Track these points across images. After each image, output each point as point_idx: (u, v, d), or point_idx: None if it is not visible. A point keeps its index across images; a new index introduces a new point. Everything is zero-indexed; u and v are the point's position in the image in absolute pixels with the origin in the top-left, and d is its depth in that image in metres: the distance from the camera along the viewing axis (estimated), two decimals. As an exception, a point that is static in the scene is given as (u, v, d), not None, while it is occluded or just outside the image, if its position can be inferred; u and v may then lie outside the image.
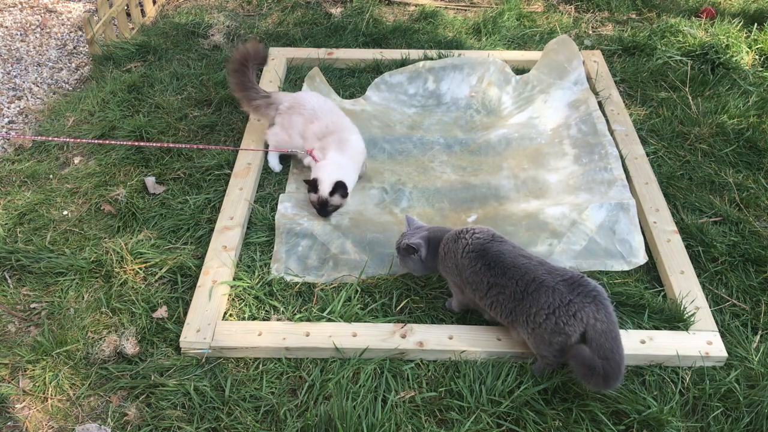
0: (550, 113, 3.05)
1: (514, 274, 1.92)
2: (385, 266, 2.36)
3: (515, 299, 1.91)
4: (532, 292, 1.88)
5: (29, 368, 2.04)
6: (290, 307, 2.22)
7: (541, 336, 1.88)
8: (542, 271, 1.91)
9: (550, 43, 3.32)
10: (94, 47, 3.50)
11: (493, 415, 1.91)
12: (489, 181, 2.74)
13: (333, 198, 2.48)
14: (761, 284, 2.34)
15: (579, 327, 1.82)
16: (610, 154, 2.73)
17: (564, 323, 1.82)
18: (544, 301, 1.85)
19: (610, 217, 2.46)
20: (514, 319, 1.94)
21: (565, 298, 1.84)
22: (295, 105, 2.71)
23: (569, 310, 1.83)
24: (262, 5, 4.05)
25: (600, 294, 1.86)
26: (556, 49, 3.25)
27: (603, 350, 1.79)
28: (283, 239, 2.43)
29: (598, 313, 1.82)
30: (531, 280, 1.89)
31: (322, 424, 1.85)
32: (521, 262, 1.94)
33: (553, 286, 1.86)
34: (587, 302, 1.83)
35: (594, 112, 2.95)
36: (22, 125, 3.19)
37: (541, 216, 2.50)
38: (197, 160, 2.82)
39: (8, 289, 2.30)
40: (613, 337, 1.82)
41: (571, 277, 1.89)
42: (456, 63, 3.26)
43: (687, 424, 1.91)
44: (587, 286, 1.87)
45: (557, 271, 1.91)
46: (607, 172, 2.66)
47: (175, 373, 2.03)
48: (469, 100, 3.19)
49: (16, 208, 2.59)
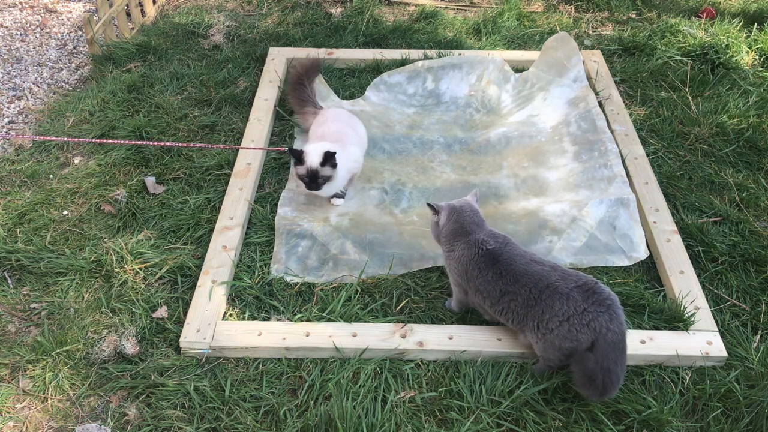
0: (549, 111, 3.05)
1: (527, 281, 1.91)
2: (385, 266, 2.36)
3: (528, 305, 1.90)
4: (545, 298, 1.86)
5: (29, 368, 2.04)
6: (290, 307, 2.22)
7: (551, 341, 1.87)
8: (556, 278, 1.89)
9: (549, 40, 3.31)
10: (94, 47, 3.50)
11: (493, 415, 1.91)
12: (489, 180, 2.74)
13: (324, 169, 2.42)
14: (761, 284, 2.34)
15: (591, 335, 1.81)
16: (609, 151, 2.72)
17: (577, 331, 1.81)
18: (558, 309, 1.84)
19: (610, 212, 2.46)
20: (525, 324, 1.93)
21: (579, 306, 1.82)
22: (322, 115, 2.76)
23: (583, 318, 1.81)
24: (262, 5, 4.05)
25: (614, 303, 1.85)
26: (555, 47, 3.25)
27: (607, 361, 1.79)
28: (283, 240, 2.43)
29: (611, 324, 1.81)
30: (545, 287, 1.88)
31: (322, 424, 1.85)
32: (534, 268, 1.92)
33: (567, 293, 1.85)
34: (601, 311, 1.81)
35: (593, 109, 2.95)
36: (22, 125, 3.19)
37: (541, 214, 2.50)
38: (197, 160, 2.82)
39: (8, 289, 2.30)
40: (621, 348, 1.81)
41: (585, 283, 1.87)
42: (455, 62, 3.26)
43: (687, 424, 1.91)
44: (601, 294, 1.85)
45: (571, 277, 1.89)
46: (607, 169, 2.65)
47: (175, 373, 2.03)
48: (468, 98, 3.19)
49: (16, 208, 2.59)
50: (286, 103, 3.18)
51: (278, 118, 3.12)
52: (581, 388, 1.84)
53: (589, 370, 1.80)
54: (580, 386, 1.84)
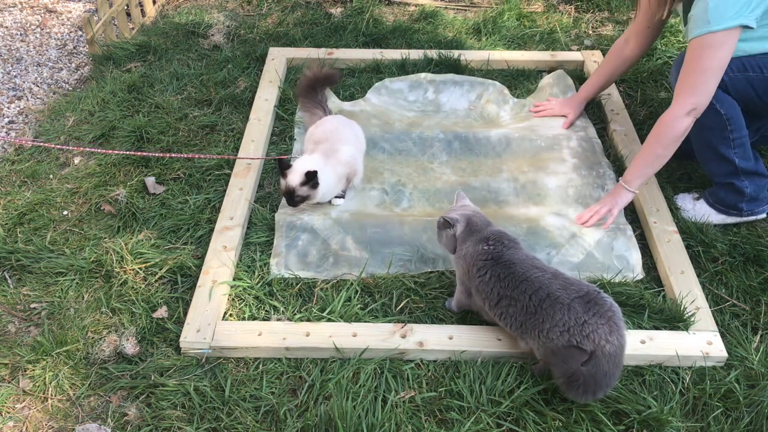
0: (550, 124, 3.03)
1: (526, 287, 1.89)
2: (385, 265, 2.36)
3: (527, 313, 1.89)
4: (546, 308, 1.85)
5: (29, 368, 2.04)
6: (290, 307, 2.22)
7: (551, 349, 1.86)
8: (557, 287, 1.87)
9: (546, 78, 3.31)
10: (94, 47, 3.50)
11: (493, 415, 1.91)
12: (489, 183, 2.74)
13: (301, 189, 2.43)
14: (761, 284, 2.34)
15: (590, 346, 1.80)
16: (607, 176, 2.74)
17: (577, 342, 1.80)
18: (559, 319, 1.82)
19: (609, 234, 2.46)
20: (524, 331, 1.92)
21: (580, 318, 1.81)
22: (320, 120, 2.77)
23: (583, 330, 1.80)
24: (262, 5, 4.05)
25: (615, 314, 1.83)
26: (551, 83, 3.25)
27: (599, 371, 1.79)
28: (283, 233, 2.44)
29: (611, 336, 1.79)
30: (546, 296, 1.86)
31: (322, 424, 1.85)
32: (534, 275, 1.91)
33: (568, 304, 1.83)
34: (602, 323, 1.80)
35: (593, 139, 2.95)
36: (22, 125, 3.19)
37: (542, 223, 2.50)
38: (197, 160, 2.82)
39: (8, 289, 2.30)
40: (616, 363, 1.81)
41: (587, 293, 1.85)
42: (456, 80, 3.29)
43: (687, 424, 1.91)
44: (603, 306, 1.83)
45: (572, 286, 1.87)
46: (604, 192, 2.66)
47: (175, 373, 2.03)
48: (468, 111, 3.19)
49: (16, 208, 2.59)
50: (286, 104, 3.18)
51: (278, 118, 3.12)
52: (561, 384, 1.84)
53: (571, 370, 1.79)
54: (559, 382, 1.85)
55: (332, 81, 3.05)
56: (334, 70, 3.10)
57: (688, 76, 2.21)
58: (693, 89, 2.21)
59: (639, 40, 2.73)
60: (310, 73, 2.95)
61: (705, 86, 2.20)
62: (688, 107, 2.22)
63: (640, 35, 2.71)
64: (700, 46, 2.16)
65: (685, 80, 2.23)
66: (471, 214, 2.11)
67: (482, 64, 3.45)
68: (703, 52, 2.16)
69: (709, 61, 2.16)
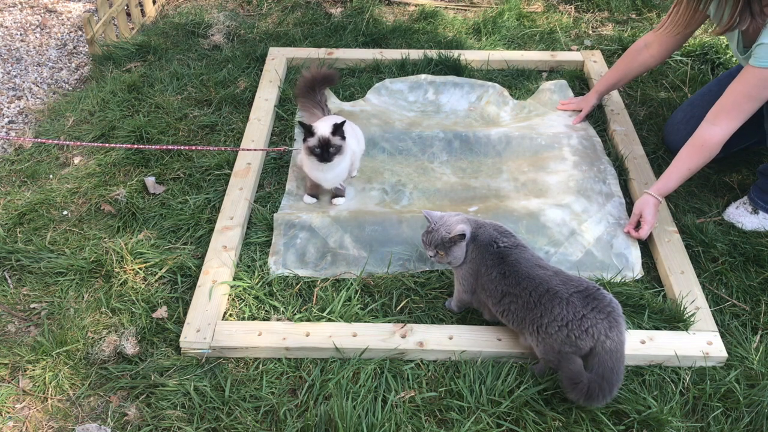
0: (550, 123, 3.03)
1: (528, 284, 1.90)
2: (384, 264, 2.36)
3: (527, 308, 1.89)
4: (545, 302, 1.85)
5: (29, 368, 2.04)
6: (290, 307, 2.22)
7: (551, 345, 1.86)
8: (556, 282, 1.88)
9: (546, 83, 3.30)
10: (94, 47, 3.50)
11: (493, 416, 1.91)
12: (489, 184, 2.75)
13: (335, 138, 2.42)
14: (761, 284, 2.35)
15: (590, 342, 1.80)
16: (608, 172, 2.74)
17: (576, 337, 1.80)
18: (558, 313, 1.83)
19: (608, 230, 2.47)
20: (524, 327, 1.93)
21: (578, 312, 1.81)
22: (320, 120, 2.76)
23: (582, 324, 1.80)
24: (262, 5, 4.05)
25: (614, 310, 1.83)
26: (551, 89, 3.25)
27: (604, 368, 1.79)
28: (281, 231, 2.44)
29: (611, 331, 1.79)
30: (545, 291, 1.87)
31: (322, 424, 1.85)
32: (537, 272, 1.91)
33: (566, 298, 1.83)
34: (600, 318, 1.80)
35: (594, 138, 2.95)
36: (22, 125, 3.19)
37: (542, 218, 2.49)
38: (197, 160, 2.82)
39: (8, 289, 2.31)
40: (618, 357, 1.80)
41: (586, 288, 1.86)
42: (456, 81, 3.29)
43: (687, 424, 1.91)
44: (602, 301, 1.83)
45: (572, 282, 1.88)
46: (605, 186, 2.66)
47: (175, 373, 2.03)
48: (468, 112, 3.20)
49: (16, 208, 2.59)
50: (286, 104, 3.18)
51: (278, 118, 3.12)
52: (566, 390, 1.83)
53: (574, 373, 1.79)
54: (565, 388, 1.84)
55: (331, 81, 3.05)
56: (332, 71, 3.10)
57: (740, 104, 2.23)
58: (740, 115, 2.24)
59: (660, 48, 2.70)
60: (309, 74, 2.94)
61: (749, 114, 2.24)
62: (732, 130, 2.26)
63: (663, 45, 2.68)
64: (765, 78, 2.16)
65: (735, 105, 2.24)
66: (463, 218, 2.10)
67: (482, 64, 3.45)
68: (766, 83, 2.18)
69: (766, 92, 2.19)
